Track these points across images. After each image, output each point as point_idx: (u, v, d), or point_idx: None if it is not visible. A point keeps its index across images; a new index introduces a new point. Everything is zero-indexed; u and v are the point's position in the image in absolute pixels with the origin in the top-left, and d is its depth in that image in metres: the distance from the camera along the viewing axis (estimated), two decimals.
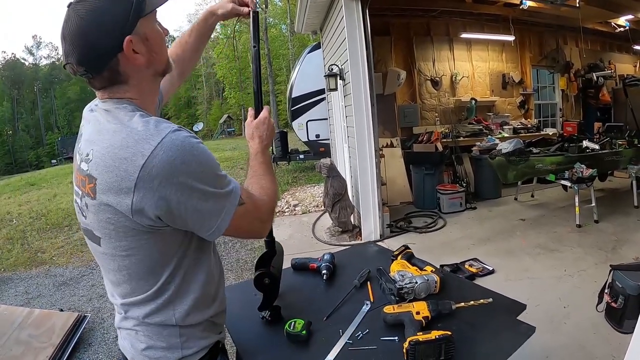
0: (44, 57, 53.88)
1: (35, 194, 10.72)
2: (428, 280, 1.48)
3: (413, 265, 1.63)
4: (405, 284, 1.46)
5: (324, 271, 1.69)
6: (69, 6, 0.94)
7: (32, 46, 52.92)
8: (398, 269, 1.57)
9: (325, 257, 1.77)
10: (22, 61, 52.19)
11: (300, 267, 1.81)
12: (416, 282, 1.46)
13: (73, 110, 46.17)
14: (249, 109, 1.32)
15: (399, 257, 1.67)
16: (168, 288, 1.01)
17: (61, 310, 3.79)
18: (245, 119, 1.34)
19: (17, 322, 3.40)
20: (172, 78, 1.40)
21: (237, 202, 0.97)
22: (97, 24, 0.91)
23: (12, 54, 53.68)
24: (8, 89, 48.34)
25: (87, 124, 1.04)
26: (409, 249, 1.73)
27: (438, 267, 3.57)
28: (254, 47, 1.36)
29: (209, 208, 0.92)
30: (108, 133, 0.92)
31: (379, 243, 4.72)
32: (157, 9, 1.03)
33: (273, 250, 1.48)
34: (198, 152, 0.91)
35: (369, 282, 1.61)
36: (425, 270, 1.58)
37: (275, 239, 1.52)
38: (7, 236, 7.15)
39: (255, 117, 1.30)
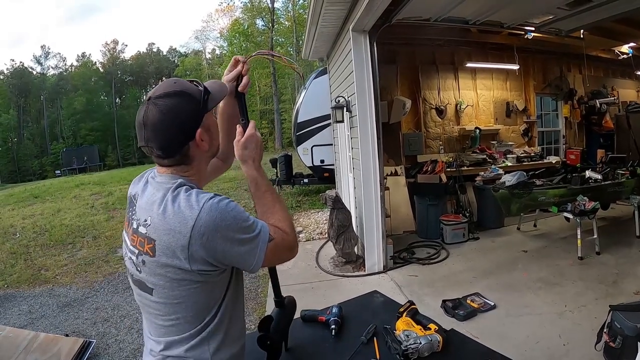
0: (52, 67, 54.37)
1: (39, 208, 10.77)
2: (431, 340, 1.55)
3: (418, 322, 1.68)
4: (410, 344, 1.52)
5: (332, 326, 1.75)
6: (149, 99, 1.16)
7: (40, 56, 53.45)
8: (403, 327, 1.63)
9: (334, 311, 1.82)
10: (30, 70, 52.66)
11: (310, 319, 1.86)
12: (420, 343, 1.52)
13: (79, 121, 46.43)
14: (237, 126, 1.38)
15: (404, 315, 1.72)
16: (207, 327, 1.18)
17: (67, 335, 3.83)
18: None
19: (22, 346, 3.44)
20: (218, 163, 1.57)
21: (267, 239, 1.15)
22: (176, 120, 1.15)
23: (20, 62, 54.20)
24: (15, 97, 48.67)
25: (141, 194, 1.24)
26: (414, 304, 1.79)
27: (441, 303, 3.64)
28: (242, 120, 1.39)
29: (246, 250, 1.11)
30: (162, 204, 1.12)
31: (382, 274, 4.80)
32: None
33: (280, 313, 1.58)
34: (231, 209, 1.10)
35: (375, 338, 1.66)
36: (429, 328, 1.63)
37: (285, 296, 1.60)
38: (10, 250, 7.20)
39: None
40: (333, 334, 1.73)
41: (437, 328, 1.63)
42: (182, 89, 1.18)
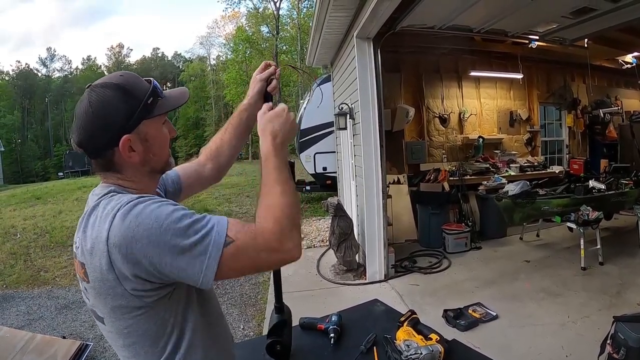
0: (57, 69, 54.79)
1: (41, 209, 10.78)
2: (433, 351, 1.51)
3: (419, 332, 1.65)
4: (411, 354, 1.49)
5: (331, 334, 1.71)
6: (87, 87, 1.01)
7: (45, 58, 53.91)
8: (404, 337, 1.60)
9: (333, 319, 1.79)
10: (35, 72, 53.05)
11: (308, 326, 1.83)
12: (421, 353, 1.49)
13: None
14: (265, 104, 1.21)
15: (405, 324, 1.69)
16: (174, 357, 1.01)
17: (64, 337, 3.81)
18: (252, 142, 1.30)
19: (18, 347, 3.42)
20: (203, 171, 1.43)
21: (222, 243, 0.89)
22: (101, 116, 0.96)
23: (26, 64, 54.60)
24: (19, 98, 49.01)
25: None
26: (415, 314, 1.76)
27: (442, 313, 3.61)
28: None
29: (186, 261, 0.87)
30: (85, 219, 0.96)
31: (383, 283, 4.77)
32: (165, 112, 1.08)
33: (284, 319, 1.52)
34: (151, 210, 0.89)
35: (375, 348, 1.63)
36: (430, 338, 1.60)
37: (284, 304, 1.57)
38: (10, 250, 7.20)
39: None
40: (332, 342, 1.69)
41: (438, 338, 1.60)
42: (123, 82, 1.00)
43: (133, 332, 0.97)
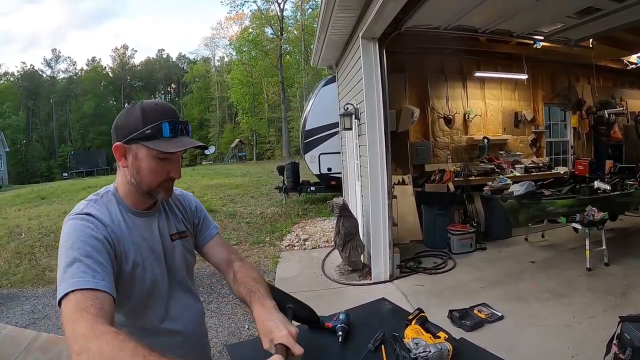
0: (62, 70, 54.95)
1: (46, 209, 10.82)
2: (441, 349, 1.50)
3: (427, 330, 1.64)
4: (419, 352, 1.48)
5: (339, 332, 1.70)
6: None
7: (50, 59, 54.06)
8: (412, 335, 1.59)
9: (341, 317, 1.78)
10: (40, 73, 53.24)
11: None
12: (430, 351, 1.49)
13: (87, 125, 46.90)
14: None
15: (413, 322, 1.69)
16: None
17: None
18: (257, 143, 1.41)
19: (23, 345, 3.41)
20: (225, 270, 1.57)
21: (68, 288, 1.01)
22: (121, 118, 1.26)
23: (31, 65, 54.79)
24: (24, 99, 49.22)
25: None
26: (423, 312, 1.75)
27: (448, 313, 3.60)
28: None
29: (58, 274, 1.08)
30: None
31: (388, 283, 4.77)
32: (168, 154, 1.24)
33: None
34: (67, 230, 1.15)
35: (383, 346, 1.63)
36: (438, 337, 1.60)
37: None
38: (15, 250, 7.23)
39: None
40: (340, 340, 1.68)
41: (447, 336, 1.59)
42: (148, 108, 1.23)
43: None
